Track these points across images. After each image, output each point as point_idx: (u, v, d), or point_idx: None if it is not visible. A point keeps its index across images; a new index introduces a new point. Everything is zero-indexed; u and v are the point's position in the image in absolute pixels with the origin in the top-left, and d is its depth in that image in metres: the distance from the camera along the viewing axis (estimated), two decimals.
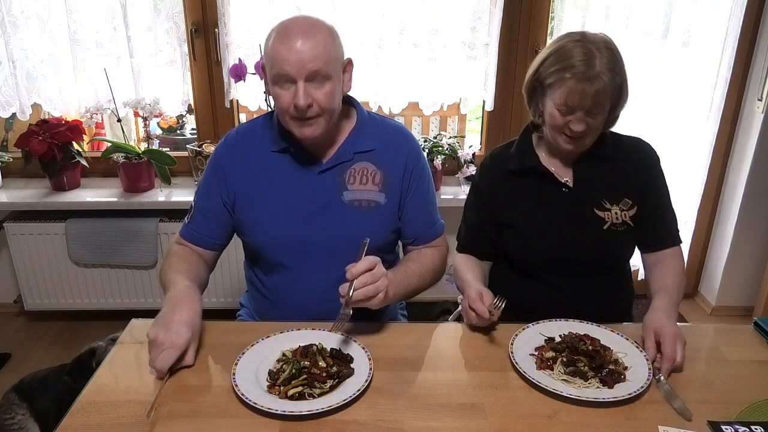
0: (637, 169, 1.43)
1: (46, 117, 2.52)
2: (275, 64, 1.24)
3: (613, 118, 1.37)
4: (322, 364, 1.16)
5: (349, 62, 1.36)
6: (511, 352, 1.23)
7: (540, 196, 1.44)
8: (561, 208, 1.43)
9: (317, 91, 1.26)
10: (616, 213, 1.41)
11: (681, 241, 1.46)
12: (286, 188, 1.39)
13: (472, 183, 1.56)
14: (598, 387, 1.15)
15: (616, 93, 1.30)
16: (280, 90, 1.27)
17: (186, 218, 1.47)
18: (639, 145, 1.46)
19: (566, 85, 1.27)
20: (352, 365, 1.19)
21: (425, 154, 2.47)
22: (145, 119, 3.10)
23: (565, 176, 1.44)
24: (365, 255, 1.21)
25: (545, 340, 1.29)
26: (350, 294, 1.18)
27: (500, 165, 1.48)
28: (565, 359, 1.21)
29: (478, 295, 1.29)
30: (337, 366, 1.17)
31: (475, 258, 1.53)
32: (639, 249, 1.48)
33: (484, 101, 2.57)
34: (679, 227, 1.47)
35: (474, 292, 1.30)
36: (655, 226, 1.44)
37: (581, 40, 1.28)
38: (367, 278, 1.18)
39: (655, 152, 1.46)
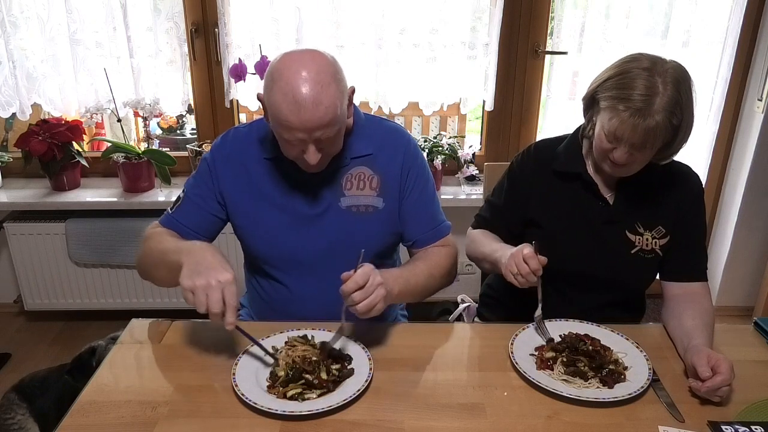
0: (678, 200, 1.38)
1: (46, 117, 2.52)
2: (282, 127, 1.19)
3: (666, 155, 1.30)
4: (323, 376, 1.14)
5: (352, 92, 1.29)
6: (511, 352, 1.23)
7: (577, 205, 1.40)
8: (595, 222, 1.39)
9: (327, 146, 1.24)
10: (647, 239, 1.38)
11: (707, 279, 1.40)
12: (282, 195, 1.37)
13: (510, 166, 1.49)
14: (598, 387, 1.15)
15: (670, 133, 1.23)
16: (287, 144, 1.23)
17: (170, 208, 1.42)
18: (686, 175, 1.41)
19: (618, 117, 1.20)
20: (351, 365, 1.19)
21: (425, 154, 2.50)
22: (145, 119, 3.09)
23: (607, 192, 1.40)
24: (362, 263, 1.18)
25: (545, 340, 1.29)
26: (343, 315, 1.19)
27: (545, 160, 1.43)
28: (565, 359, 1.21)
29: (532, 253, 1.23)
30: (337, 367, 1.17)
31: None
32: (660, 277, 1.43)
33: (484, 101, 2.57)
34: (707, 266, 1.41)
35: (527, 248, 1.24)
36: (683, 258, 1.39)
37: (650, 69, 1.20)
38: (358, 296, 1.14)
39: (701, 185, 1.41)
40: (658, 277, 1.43)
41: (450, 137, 2.64)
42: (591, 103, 1.32)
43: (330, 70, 1.19)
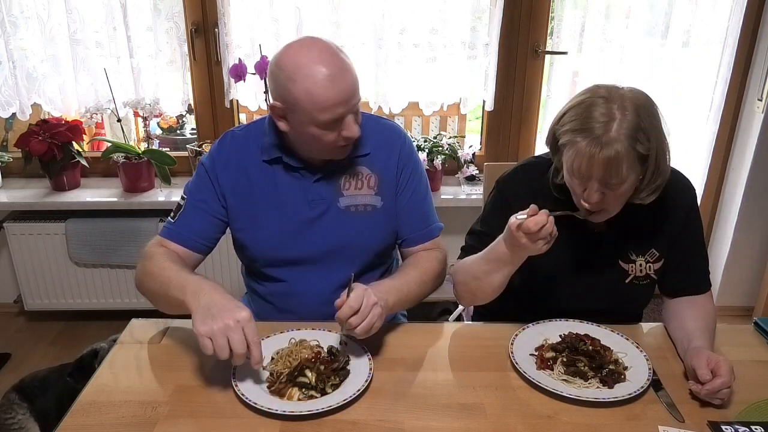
0: (672, 216, 1.32)
1: (46, 117, 2.52)
2: (321, 110, 1.19)
3: (647, 191, 1.20)
4: (329, 390, 1.13)
5: None
6: (511, 352, 1.23)
7: (567, 240, 1.27)
8: (586, 256, 1.34)
9: (359, 118, 1.26)
10: (640, 265, 1.33)
11: (710, 287, 1.36)
12: (281, 198, 1.37)
13: (500, 192, 1.39)
14: (598, 387, 1.15)
15: (638, 163, 1.13)
16: (325, 131, 1.23)
17: (170, 218, 1.38)
18: (677, 187, 1.32)
19: (575, 149, 1.12)
20: (349, 366, 1.19)
21: (425, 154, 2.50)
22: (145, 119, 3.10)
23: (597, 224, 1.29)
24: (353, 287, 1.17)
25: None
26: (342, 336, 1.21)
27: (532, 191, 1.31)
28: (565, 359, 1.21)
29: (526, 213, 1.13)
30: (335, 369, 1.17)
31: None
32: (662, 292, 1.39)
33: (484, 101, 2.57)
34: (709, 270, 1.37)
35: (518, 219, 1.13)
36: (684, 275, 1.35)
37: (606, 97, 1.13)
38: (355, 321, 1.13)
39: (694, 194, 1.35)
40: (659, 291, 1.39)
41: (450, 137, 2.64)
42: (554, 146, 1.24)
43: (333, 44, 1.24)
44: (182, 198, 1.40)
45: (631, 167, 1.12)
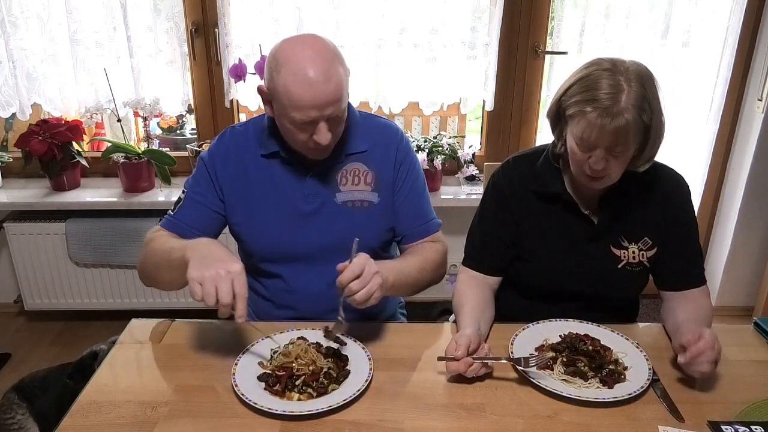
0: (664, 207, 1.34)
1: (46, 117, 2.52)
2: (294, 108, 1.20)
3: (644, 159, 1.25)
4: (332, 387, 1.14)
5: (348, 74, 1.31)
6: (511, 352, 1.23)
7: (561, 225, 1.37)
8: (579, 241, 1.36)
9: (335, 126, 1.26)
10: (633, 252, 1.35)
11: (706, 282, 1.37)
12: (278, 192, 1.38)
13: (494, 186, 1.42)
14: (598, 387, 1.15)
15: (642, 132, 1.19)
16: (297, 129, 1.24)
17: (171, 210, 1.41)
18: (670, 180, 1.36)
19: (585, 119, 1.16)
20: (349, 366, 1.19)
21: (425, 154, 2.50)
22: (145, 119, 3.10)
23: (588, 208, 1.36)
24: (356, 253, 1.18)
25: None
26: (341, 303, 1.19)
27: (524, 179, 1.38)
28: (565, 359, 1.21)
29: (455, 342, 1.17)
30: (335, 368, 1.17)
31: (482, 276, 1.41)
32: (657, 286, 1.39)
33: (484, 101, 2.57)
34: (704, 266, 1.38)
35: (456, 337, 1.18)
36: (678, 267, 1.36)
37: (611, 69, 1.18)
38: (356, 285, 1.14)
39: (687, 186, 1.37)
40: (655, 285, 1.41)
41: (450, 137, 2.64)
42: (557, 117, 1.28)
43: (332, 48, 1.24)
44: (182, 192, 1.42)
45: (635, 136, 1.18)
